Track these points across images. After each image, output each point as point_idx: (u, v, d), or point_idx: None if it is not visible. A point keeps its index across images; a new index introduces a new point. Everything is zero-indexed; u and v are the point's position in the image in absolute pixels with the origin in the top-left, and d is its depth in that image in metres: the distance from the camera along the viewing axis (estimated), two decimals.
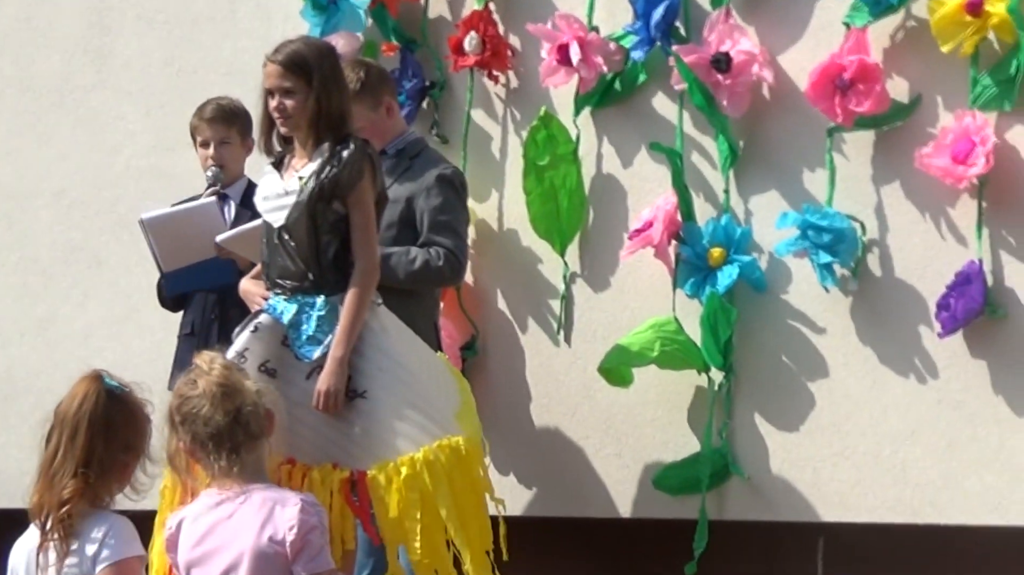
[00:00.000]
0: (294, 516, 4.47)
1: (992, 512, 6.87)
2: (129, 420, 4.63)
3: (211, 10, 8.22)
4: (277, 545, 4.45)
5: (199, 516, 4.65)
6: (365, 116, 7.05)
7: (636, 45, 7.40)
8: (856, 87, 7.00)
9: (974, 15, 6.79)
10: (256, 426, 4.66)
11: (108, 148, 8.32)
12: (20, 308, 8.47)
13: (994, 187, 6.89)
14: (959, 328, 6.89)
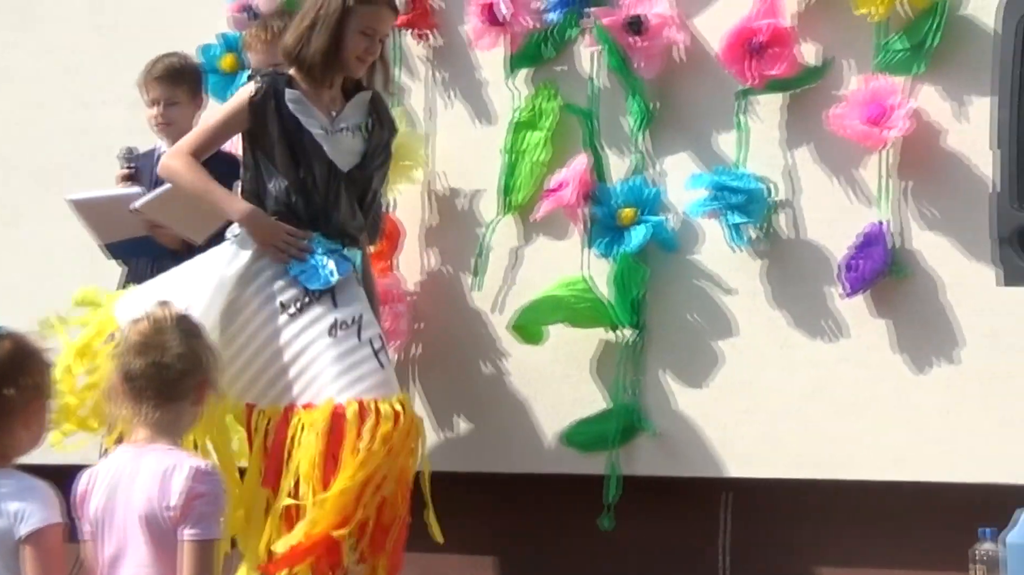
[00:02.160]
0: (183, 482, 4.42)
1: (893, 467, 6.94)
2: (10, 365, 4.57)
3: None
4: (167, 509, 4.42)
5: (105, 474, 4.62)
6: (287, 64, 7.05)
7: (553, 6, 7.41)
8: (768, 51, 7.04)
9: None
10: (172, 387, 4.60)
11: (31, 105, 8.30)
12: None
13: (900, 150, 6.95)
14: (864, 288, 6.96)
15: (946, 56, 6.87)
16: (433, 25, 7.69)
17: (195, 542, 4.41)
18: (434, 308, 7.67)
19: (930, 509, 6.90)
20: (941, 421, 6.90)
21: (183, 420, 4.66)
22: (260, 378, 6.27)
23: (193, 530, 4.42)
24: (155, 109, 7.30)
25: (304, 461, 6.09)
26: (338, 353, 6.22)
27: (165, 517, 4.43)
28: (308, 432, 6.09)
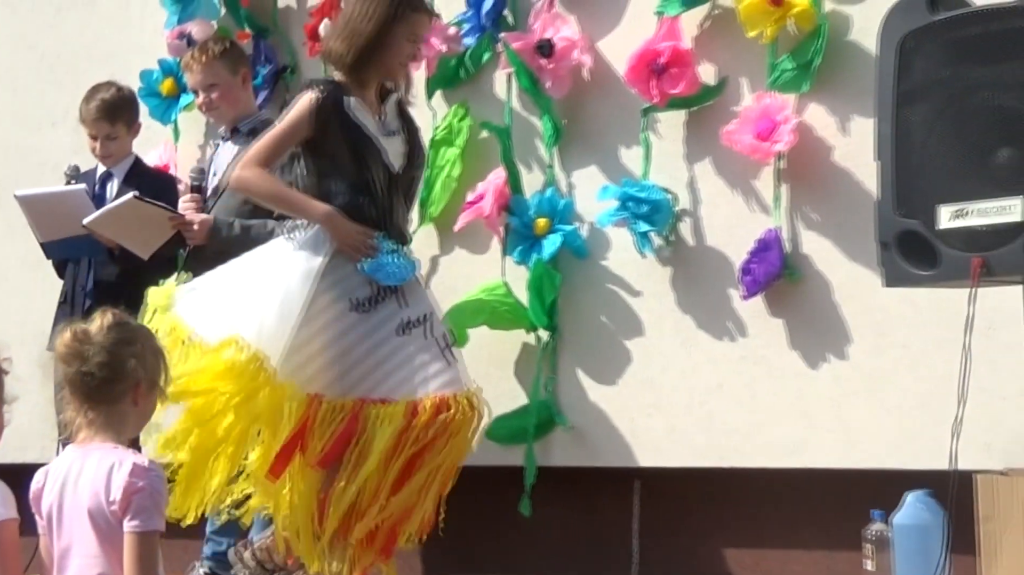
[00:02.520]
0: (123, 478, 4.37)
1: (790, 455, 6.96)
2: None
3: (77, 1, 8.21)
4: (110, 504, 4.38)
5: (56, 472, 4.56)
6: (224, 76, 7.08)
7: (468, 32, 7.47)
8: (669, 71, 7.06)
9: (776, 4, 6.88)
10: (99, 391, 4.52)
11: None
12: None
13: (791, 162, 6.97)
14: (760, 291, 6.98)
15: (832, 75, 6.89)
16: None
17: (136, 534, 4.36)
18: None
19: (823, 493, 6.92)
20: (832, 412, 6.92)
21: (126, 421, 4.62)
22: (328, 371, 6.11)
23: (134, 522, 4.37)
24: (96, 143, 7.25)
25: (378, 454, 6.03)
26: (410, 351, 6.14)
27: (108, 511, 4.41)
28: (385, 426, 6.02)
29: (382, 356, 6.15)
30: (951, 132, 4.72)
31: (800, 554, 7.00)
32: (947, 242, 4.73)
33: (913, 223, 4.77)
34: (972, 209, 4.68)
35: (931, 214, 4.74)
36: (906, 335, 6.75)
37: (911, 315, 6.68)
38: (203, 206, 7.00)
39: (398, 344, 6.14)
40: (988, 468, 6.25)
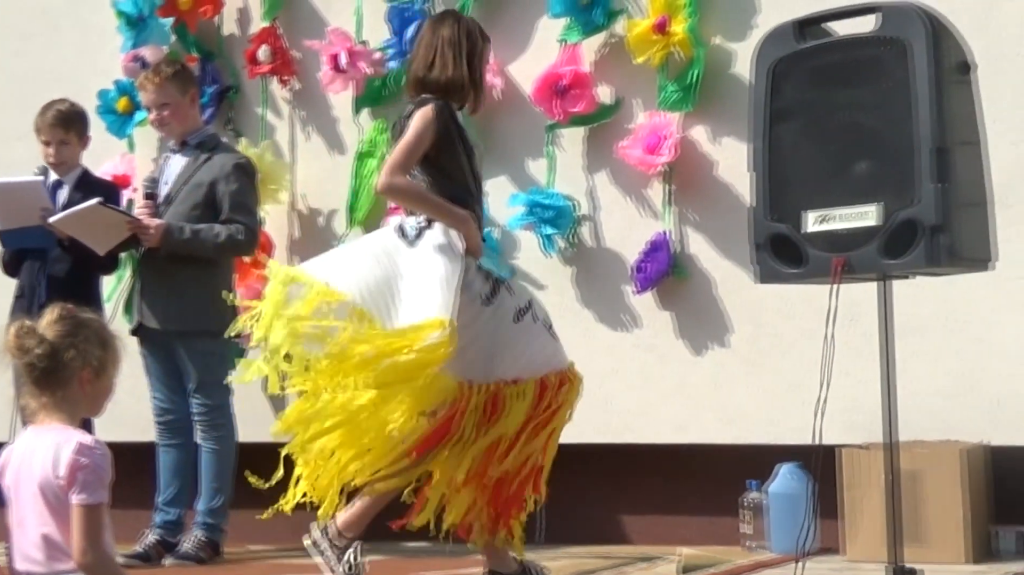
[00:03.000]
0: (69, 455, 4.27)
1: (677, 432, 7.03)
2: None
3: (38, 27, 8.12)
4: (58, 479, 4.27)
5: (17, 449, 4.43)
6: (174, 96, 7.03)
7: (392, 56, 7.47)
8: (571, 92, 7.13)
9: (661, 33, 6.97)
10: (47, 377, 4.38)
11: None
12: None
13: (678, 173, 7.04)
14: (651, 287, 7.05)
15: (714, 97, 6.98)
16: (293, 73, 7.70)
17: (82, 506, 4.25)
18: None
19: (706, 466, 6.99)
20: (713, 394, 6.99)
21: (77, 403, 4.52)
22: (475, 361, 5.93)
23: (80, 496, 4.26)
24: (49, 149, 7.17)
25: (515, 423, 5.92)
26: (530, 335, 6.03)
27: (56, 486, 4.36)
28: (521, 401, 5.97)
29: (507, 341, 6.05)
30: (815, 147, 4.75)
31: (686, 519, 7.05)
32: (812, 244, 4.74)
33: (783, 227, 4.79)
34: (834, 215, 4.72)
35: (798, 219, 4.76)
36: (778, 326, 6.83)
37: (782, 308, 6.76)
38: (156, 211, 6.98)
39: (518, 330, 6.05)
40: (850, 443, 6.38)
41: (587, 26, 7.15)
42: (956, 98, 4.65)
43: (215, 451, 7.01)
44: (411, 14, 7.45)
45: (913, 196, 4.61)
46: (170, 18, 7.84)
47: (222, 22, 7.89)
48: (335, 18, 7.64)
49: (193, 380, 7.00)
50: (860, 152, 4.71)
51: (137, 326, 7.07)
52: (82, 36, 8.06)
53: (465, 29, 6.12)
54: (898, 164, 4.64)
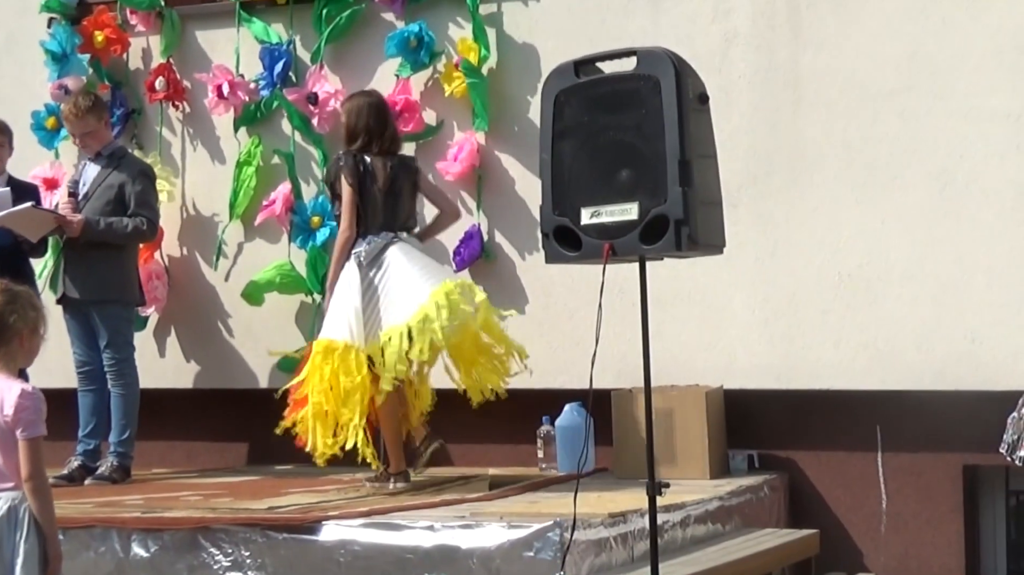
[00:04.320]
0: (14, 399, 4.28)
1: None
2: None
3: None
4: (5, 417, 4.28)
5: None
6: (92, 124, 6.92)
7: (264, 86, 7.34)
8: (403, 115, 7.02)
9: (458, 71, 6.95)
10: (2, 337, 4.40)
11: None
12: None
13: (486, 180, 6.99)
14: (467, 266, 6.98)
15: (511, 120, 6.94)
16: (184, 98, 7.54)
17: (26, 440, 4.26)
18: (187, 282, 7.51)
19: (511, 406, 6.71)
20: None
21: (16, 358, 4.49)
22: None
23: (25, 432, 4.28)
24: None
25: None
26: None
27: (3, 422, 4.32)
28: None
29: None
30: (589, 158, 4.73)
31: (495, 447, 7.02)
32: (587, 233, 4.73)
33: (564, 220, 4.76)
34: (603, 211, 4.70)
35: (576, 214, 4.74)
36: (564, 296, 6.80)
37: (568, 282, 6.73)
38: (77, 207, 6.88)
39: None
40: (619, 387, 6.41)
41: (415, 64, 7.06)
42: (696, 122, 4.66)
43: (122, 395, 6.90)
44: (279, 53, 7.30)
45: (663, 197, 4.60)
46: (87, 54, 7.64)
47: (129, 58, 7.69)
48: (218, 56, 7.48)
49: (104, 338, 6.89)
50: (623, 163, 4.70)
51: (62, 296, 7.00)
52: (18, 67, 7.85)
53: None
54: (652, 172, 4.63)
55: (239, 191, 7.37)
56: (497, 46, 7.00)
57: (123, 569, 5.39)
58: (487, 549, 4.99)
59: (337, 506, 5.64)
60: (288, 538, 5.23)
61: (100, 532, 5.42)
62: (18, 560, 4.20)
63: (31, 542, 4.22)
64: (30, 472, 4.27)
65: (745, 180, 6.52)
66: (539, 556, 4.92)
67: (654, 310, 4.92)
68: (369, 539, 5.14)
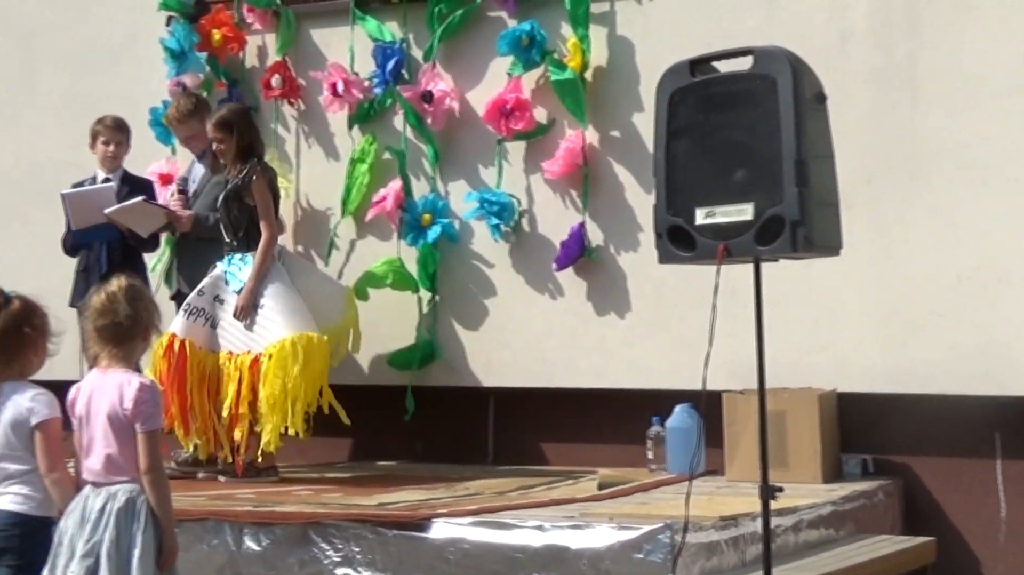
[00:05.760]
0: (133, 393, 4.33)
1: (596, 379, 6.94)
2: (20, 314, 4.54)
3: (102, 61, 8.02)
4: (123, 410, 4.33)
5: (85, 387, 4.48)
6: (195, 127, 7.00)
7: (377, 84, 7.37)
8: (514, 113, 7.03)
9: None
10: (124, 334, 4.44)
11: (37, 145, 8.13)
12: None
13: (594, 178, 6.96)
14: (568, 265, 6.98)
15: (627, 118, 6.92)
16: (299, 96, 7.61)
17: (145, 432, 4.32)
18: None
19: (620, 405, 6.91)
20: (625, 349, 6.91)
21: (135, 353, 4.59)
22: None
23: (143, 425, 4.33)
24: (109, 148, 7.12)
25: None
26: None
27: (122, 415, 4.37)
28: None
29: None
30: (704, 158, 4.69)
31: (603, 447, 6.98)
32: (701, 233, 4.69)
33: (678, 220, 4.73)
34: (718, 211, 4.66)
35: (691, 214, 4.70)
36: (675, 297, 6.74)
37: (679, 282, 6.65)
38: (187, 203, 6.97)
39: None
40: (730, 389, 6.34)
41: (527, 62, 7.05)
42: (812, 121, 4.60)
43: None
44: (392, 51, 7.33)
45: (779, 197, 4.55)
46: (205, 52, 7.73)
47: (245, 56, 7.76)
48: (333, 54, 7.53)
49: None
50: (738, 163, 4.65)
51: (176, 292, 7.08)
52: (136, 66, 7.97)
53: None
54: (768, 172, 4.58)
55: (352, 188, 7.41)
56: (609, 45, 6.97)
57: (235, 562, 5.42)
58: (597, 550, 4.96)
59: (446, 504, 5.65)
60: (398, 535, 5.24)
61: (213, 525, 5.47)
62: (135, 551, 4.25)
63: (148, 534, 4.27)
64: (149, 464, 4.32)
65: (860, 180, 6.43)
66: (649, 558, 4.88)
67: (766, 311, 4.86)
68: (478, 538, 5.14)
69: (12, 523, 4.43)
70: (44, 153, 8.00)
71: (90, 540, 4.28)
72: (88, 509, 4.32)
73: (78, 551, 4.28)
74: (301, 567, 5.34)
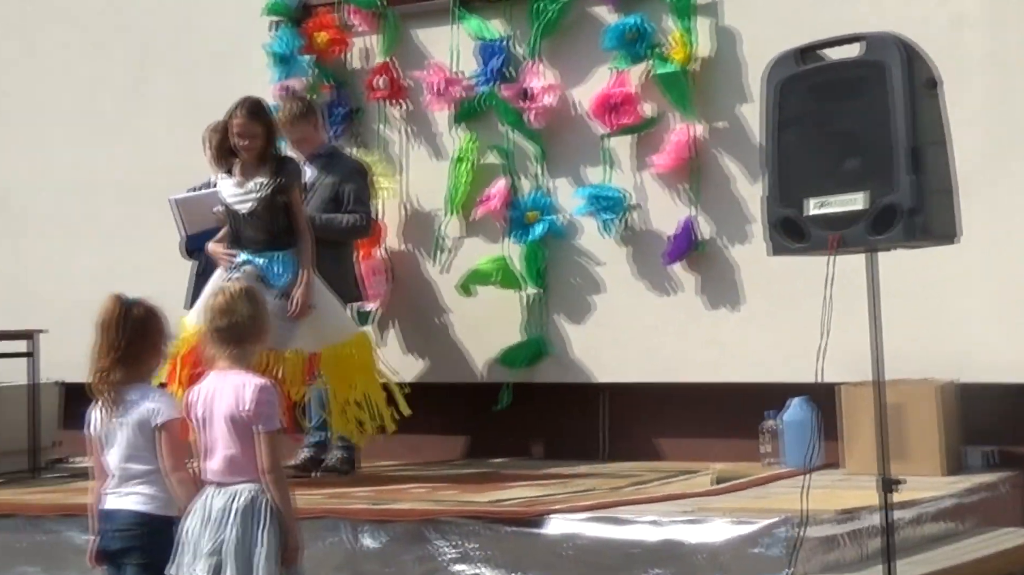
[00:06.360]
0: (252, 394, 4.40)
1: (710, 372, 6.92)
2: (145, 319, 4.61)
3: (210, 65, 8.14)
4: (242, 412, 4.39)
5: (204, 389, 4.55)
6: (304, 130, 7.06)
7: (480, 83, 7.40)
8: (621, 107, 7.03)
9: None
10: (242, 335, 4.51)
11: (149, 151, 8.24)
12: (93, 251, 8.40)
13: (703, 171, 6.95)
14: (678, 259, 6.98)
15: (732, 109, 6.90)
16: (404, 96, 7.65)
17: (266, 433, 4.38)
18: (409, 277, 7.62)
19: (733, 399, 6.88)
20: (737, 342, 6.89)
21: (252, 354, 4.64)
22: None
23: (263, 425, 4.39)
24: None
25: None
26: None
27: (243, 416, 4.42)
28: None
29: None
30: (814, 148, 4.67)
31: (717, 441, 6.97)
32: (813, 224, 4.67)
33: (790, 211, 4.71)
34: (830, 201, 4.64)
35: (801, 205, 4.68)
36: (788, 288, 6.66)
37: (791, 274, 6.53)
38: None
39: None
40: (847, 381, 6.28)
41: (633, 57, 7.05)
42: (926, 108, 4.56)
43: None
44: (496, 49, 7.36)
45: (893, 185, 4.52)
46: (310, 55, 7.81)
47: (350, 58, 7.83)
48: (436, 53, 7.58)
49: None
50: (850, 151, 4.63)
51: None
52: (244, 71, 8.07)
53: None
54: (880, 160, 4.55)
55: (456, 187, 7.45)
56: (714, 36, 6.95)
57: (353, 559, 5.49)
58: (713, 545, 4.96)
59: (561, 500, 5.68)
60: (513, 531, 5.28)
61: (330, 523, 5.54)
62: (259, 550, 4.31)
63: (271, 532, 4.34)
64: (270, 464, 4.38)
65: (977, 166, 6.31)
66: (767, 552, 4.87)
67: (882, 302, 4.83)
68: (594, 533, 5.16)
69: (137, 522, 4.51)
70: (156, 159, 8.13)
71: (214, 539, 4.35)
72: (211, 508, 4.40)
73: (203, 550, 4.36)
74: (418, 564, 5.40)
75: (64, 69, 8.60)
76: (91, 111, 8.49)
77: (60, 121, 8.56)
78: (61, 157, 8.55)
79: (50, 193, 8.57)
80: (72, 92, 8.55)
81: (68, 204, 8.51)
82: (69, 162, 8.53)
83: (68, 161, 8.53)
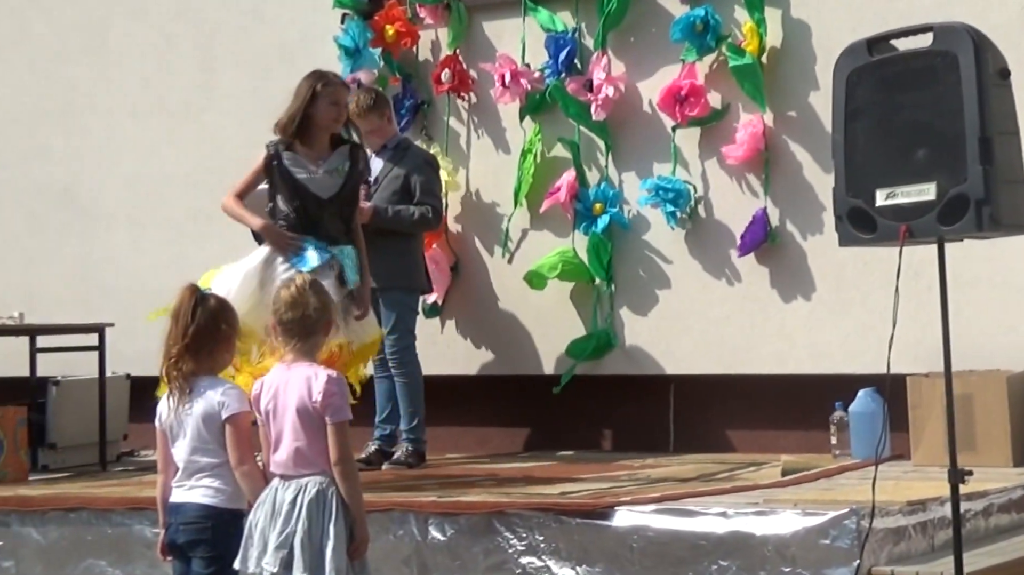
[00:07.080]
0: (322, 386, 4.44)
1: (777, 365, 6.95)
2: (217, 312, 4.65)
3: (278, 59, 8.19)
4: (312, 403, 4.43)
5: (270, 382, 4.59)
6: (375, 122, 7.09)
7: (549, 75, 7.45)
8: (689, 99, 7.06)
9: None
10: (310, 327, 4.55)
11: (217, 145, 8.29)
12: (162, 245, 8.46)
13: (773, 161, 6.97)
14: (752, 250, 6.99)
15: (803, 100, 6.91)
16: (470, 89, 7.70)
17: (335, 424, 4.42)
18: (475, 270, 7.66)
19: (801, 391, 6.90)
20: (806, 335, 6.90)
21: (319, 346, 4.67)
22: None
23: (332, 417, 4.43)
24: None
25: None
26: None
27: (311, 408, 4.43)
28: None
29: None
30: (884, 138, 4.69)
31: (785, 433, 6.98)
32: (882, 215, 4.68)
33: (859, 202, 4.73)
34: (899, 192, 4.65)
35: (871, 195, 4.69)
36: (856, 280, 6.72)
37: (860, 265, 6.65)
38: (368, 195, 7.02)
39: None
40: (915, 372, 6.30)
41: (701, 48, 7.08)
42: (996, 98, 4.56)
43: (405, 384, 7.05)
44: (564, 41, 7.41)
45: (963, 176, 4.53)
46: (379, 48, 7.88)
47: (419, 51, 7.90)
48: (504, 46, 7.62)
49: (388, 325, 6.94)
50: (919, 142, 4.63)
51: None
52: (312, 64, 8.01)
53: (308, 79, 6.23)
54: (950, 151, 4.56)
55: (523, 179, 7.49)
56: (783, 26, 6.96)
57: (421, 552, 5.53)
58: (782, 536, 4.98)
59: (629, 492, 5.72)
60: (581, 523, 5.31)
61: (399, 515, 5.57)
62: (328, 542, 4.35)
63: (340, 525, 4.38)
64: (340, 456, 4.42)
65: None
66: (835, 544, 4.89)
67: (951, 292, 4.83)
68: (662, 525, 5.19)
69: (204, 515, 4.55)
70: (226, 153, 8.18)
71: (283, 532, 4.38)
72: (279, 501, 4.43)
73: (271, 543, 4.39)
74: (486, 556, 5.43)
75: (132, 62, 8.68)
76: (159, 104, 8.57)
77: (128, 114, 8.64)
78: (129, 150, 8.63)
79: (118, 187, 8.65)
80: (140, 85, 8.64)
81: (136, 198, 8.59)
82: (137, 155, 8.61)
83: (136, 154, 8.61)
